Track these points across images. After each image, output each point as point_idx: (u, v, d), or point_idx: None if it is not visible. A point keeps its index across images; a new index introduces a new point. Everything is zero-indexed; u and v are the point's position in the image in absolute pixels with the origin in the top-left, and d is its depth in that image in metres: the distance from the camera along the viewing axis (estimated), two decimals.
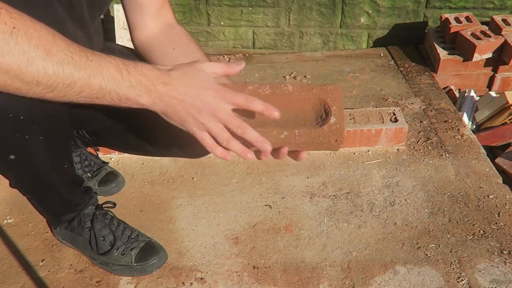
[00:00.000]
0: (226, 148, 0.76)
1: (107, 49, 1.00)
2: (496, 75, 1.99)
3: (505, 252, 1.18)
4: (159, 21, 0.98)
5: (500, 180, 1.42)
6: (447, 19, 2.07)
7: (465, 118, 1.85)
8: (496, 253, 1.18)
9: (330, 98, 0.77)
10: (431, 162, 1.51)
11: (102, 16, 2.47)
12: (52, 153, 0.93)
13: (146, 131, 1.05)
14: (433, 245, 1.21)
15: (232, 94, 0.71)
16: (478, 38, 1.92)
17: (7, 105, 0.77)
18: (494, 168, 1.48)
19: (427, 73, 2.05)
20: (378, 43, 2.31)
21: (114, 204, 1.26)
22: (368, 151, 1.56)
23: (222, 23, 2.35)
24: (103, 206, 1.20)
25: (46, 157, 0.92)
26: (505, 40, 1.90)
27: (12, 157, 0.86)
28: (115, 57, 0.69)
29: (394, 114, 1.57)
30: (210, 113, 0.71)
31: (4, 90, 0.65)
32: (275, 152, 0.77)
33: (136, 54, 1.00)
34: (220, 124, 0.72)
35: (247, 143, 0.75)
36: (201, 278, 1.15)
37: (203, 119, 0.71)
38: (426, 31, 2.20)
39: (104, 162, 1.44)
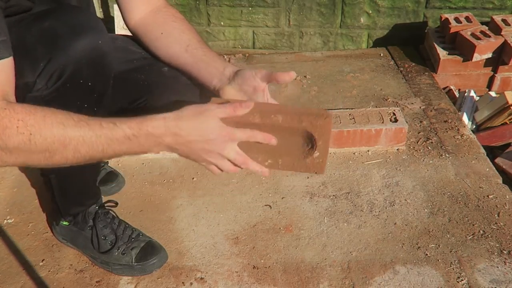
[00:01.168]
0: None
1: (111, 37, 1.01)
2: (496, 75, 1.99)
3: (505, 252, 1.18)
4: (148, 4, 1.00)
5: (500, 180, 1.42)
6: (447, 19, 2.07)
7: (465, 118, 1.85)
8: (496, 253, 1.18)
9: (318, 132, 0.78)
10: (431, 162, 1.51)
11: (102, 16, 2.47)
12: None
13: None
14: (433, 245, 1.21)
15: (236, 132, 0.77)
16: (478, 38, 1.92)
17: None
18: (494, 168, 1.48)
19: (427, 73, 2.05)
20: (378, 43, 2.31)
21: (116, 204, 1.26)
22: (368, 151, 1.56)
23: (222, 23, 2.35)
24: (105, 205, 1.20)
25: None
26: (505, 40, 1.90)
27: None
28: (121, 121, 0.74)
29: (394, 114, 1.57)
30: (218, 154, 0.78)
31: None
32: None
33: (134, 41, 1.03)
34: (227, 161, 0.79)
35: None
36: (201, 278, 1.15)
37: (211, 159, 0.79)
38: (426, 31, 2.20)
39: (104, 162, 1.44)
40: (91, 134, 0.72)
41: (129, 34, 1.04)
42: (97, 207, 1.17)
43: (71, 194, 1.13)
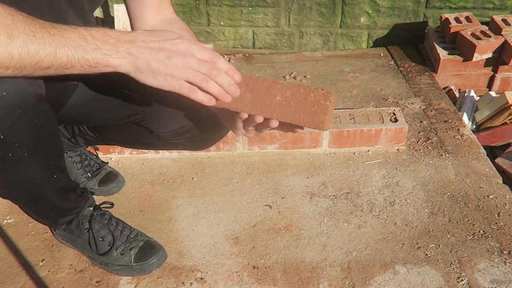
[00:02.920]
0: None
1: None
2: (496, 75, 1.99)
3: (505, 252, 1.18)
4: (160, 14, 0.99)
5: (500, 180, 1.42)
6: (447, 19, 2.07)
7: (465, 118, 1.85)
8: (496, 253, 1.18)
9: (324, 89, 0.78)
10: (431, 162, 1.51)
11: (102, 16, 2.47)
12: (39, 167, 0.91)
13: (151, 122, 1.06)
14: (433, 245, 1.21)
15: (200, 46, 0.72)
16: (478, 38, 1.92)
17: None
18: (494, 168, 1.48)
19: (427, 73, 2.05)
20: (378, 43, 2.31)
21: (112, 204, 1.26)
22: (368, 151, 1.56)
23: (222, 23, 2.35)
24: (101, 206, 1.20)
25: (33, 171, 0.90)
26: (505, 40, 1.90)
27: None
28: (76, 26, 0.69)
29: (394, 114, 1.57)
30: (179, 58, 0.71)
31: None
32: (264, 123, 0.79)
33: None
34: (191, 69, 0.72)
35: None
36: (201, 278, 1.15)
37: (174, 65, 0.71)
38: (426, 31, 2.20)
39: (104, 162, 1.44)
40: (43, 32, 0.65)
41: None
42: (92, 209, 1.17)
43: (46, 214, 1.11)
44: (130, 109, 1.02)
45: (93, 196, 1.23)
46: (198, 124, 1.04)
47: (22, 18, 0.65)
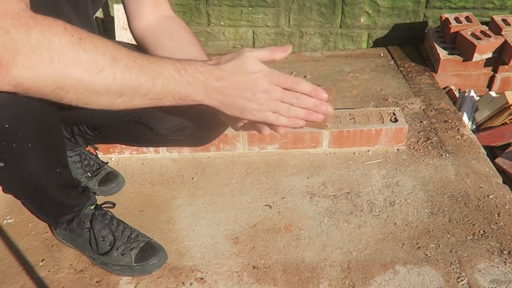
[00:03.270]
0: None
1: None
2: (496, 75, 1.99)
3: (505, 252, 1.18)
4: (157, 11, 0.99)
5: (500, 180, 1.42)
6: (447, 19, 2.07)
7: (465, 118, 1.85)
8: (496, 253, 1.18)
9: (323, 86, 0.78)
10: (431, 162, 1.51)
11: (102, 16, 2.47)
12: (42, 159, 0.91)
13: (149, 119, 1.06)
14: (433, 245, 1.21)
15: (280, 76, 0.75)
16: (478, 38, 1.92)
17: None
18: (494, 168, 1.48)
19: (427, 73, 2.05)
20: (378, 43, 2.31)
21: (114, 204, 1.26)
22: (368, 151, 1.56)
23: (222, 23, 2.35)
24: (102, 206, 1.20)
25: (36, 163, 0.91)
26: (505, 40, 1.90)
27: (1, 164, 0.85)
28: (170, 58, 0.73)
29: (394, 114, 1.57)
30: (264, 94, 0.74)
31: (76, 103, 0.68)
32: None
33: (140, 49, 1.00)
34: (276, 101, 0.75)
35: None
36: (201, 278, 1.15)
37: (259, 101, 0.74)
38: (426, 31, 2.20)
39: (103, 162, 1.44)
40: (143, 59, 0.69)
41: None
42: (93, 209, 1.17)
43: (48, 211, 1.11)
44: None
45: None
46: (198, 121, 1.04)
47: (123, 46, 0.69)
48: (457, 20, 2.05)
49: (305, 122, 0.78)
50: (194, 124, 1.05)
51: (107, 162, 1.45)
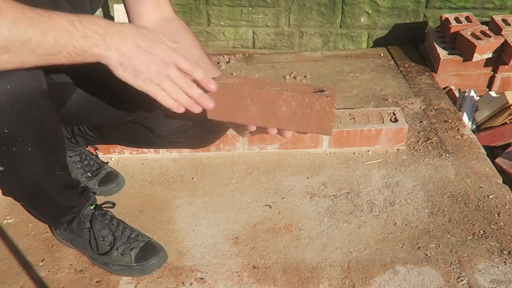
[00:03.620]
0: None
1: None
2: (496, 75, 1.99)
3: (505, 252, 1.18)
4: (159, 13, 0.99)
5: (500, 180, 1.42)
6: (447, 19, 2.07)
7: (465, 118, 1.85)
8: (496, 253, 1.18)
9: (325, 88, 0.80)
10: (431, 162, 1.51)
11: (102, 16, 2.47)
12: (42, 162, 0.91)
13: (151, 121, 1.06)
14: (433, 245, 1.21)
15: (180, 56, 0.74)
16: (478, 38, 1.92)
17: None
18: (494, 168, 1.48)
19: (427, 73, 2.05)
20: (378, 43, 2.31)
21: (113, 204, 1.26)
22: (368, 151, 1.56)
23: (222, 23, 2.35)
24: (102, 206, 1.20)
25: (36, 166, 0.91)
26: (505, 40, 1.90)
27: (0, 168, 0.85)
28: (65, 13, 0.69)
29: (394, 114, 1.57)
30: (162, 66, 0.74)
31: None
32: (260, 131, 0.82)
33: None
34: (166, 78, 0.75)
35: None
36: (201, 278, 1.15)
37: (155, 72, 0.73)
38: (426, 31, 2.20)
39: (104, 162, 1.44)
40: (32, 12, 0.65)
41: None
42: (93, 209, 1.17)
43: (48, 212, 1.11)
44: (130, 108, 1.02)
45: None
46: (198, 123, 1.04)
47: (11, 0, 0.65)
48: (457, 20, 2.05)
49: (183, 109, 0.79)
50: (194, 126, 1.05)
51: (107, 162, 1.45)
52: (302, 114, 0.78)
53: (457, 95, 1.97)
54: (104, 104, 0.99)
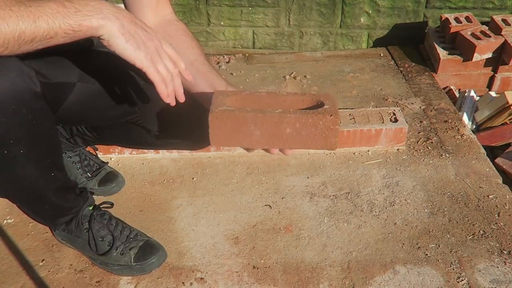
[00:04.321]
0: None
1: None
2: (496, 75, 1.99)
3: (505, 252, 1.18)
4: (158, 15, 0.99)
5: (500, 180, 1.42)
6: (447, 19, 2.07)
7: (465, 118, 1.85)
8: (496, 253, 1.18)
9: (323, 98, 0.79)
10: (431, 162, 1.51)
11: None
12: (36, 165, 0.91)
13: (148, 121, 1.05)
14: (433, 245, 1.21)
15: (170, 47, 0.77)
16: (478, 38, 1.92)
17: None
18: (494, 168, 1.48)
19: (427, 73, 2.05)
20: (378, 43, 2.31)
21: (112, 204, 1.26)
22: (368, 151, 1.56)
23: (222, 23, 2.35)
24: (101, 206, 1.20)
25: (30, 169, 0.90)
26: (505, 40, 1.90)
27: None
28: None
29: (394, 114, 1.57)
30: (158, 45, 0.75)
31: None
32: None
33: None
34: (163, 64, 0.76)
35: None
36: (201, 278, 1.15)
37: (151, 48, 0.74)
38: (426, 31, 2.20)
39: (103, 162, 1.44)
40: (19, 5, 0.65)
41: None
42: (91, 209, 1.17)
43: (45, 214, 1.11)
44: (127, 107, 1.02)
45: (93, 196, 1.23)
46: (195, 124, 1.04)
47: None
48: (457, 20, 2.05)
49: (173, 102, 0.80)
50: (191, 128, 1.05)
51: (107, 162, 1.45)
52: (307, 133, 0.77)
53: (457, 95, 1.97)
54: (101, 103, 0.99)
